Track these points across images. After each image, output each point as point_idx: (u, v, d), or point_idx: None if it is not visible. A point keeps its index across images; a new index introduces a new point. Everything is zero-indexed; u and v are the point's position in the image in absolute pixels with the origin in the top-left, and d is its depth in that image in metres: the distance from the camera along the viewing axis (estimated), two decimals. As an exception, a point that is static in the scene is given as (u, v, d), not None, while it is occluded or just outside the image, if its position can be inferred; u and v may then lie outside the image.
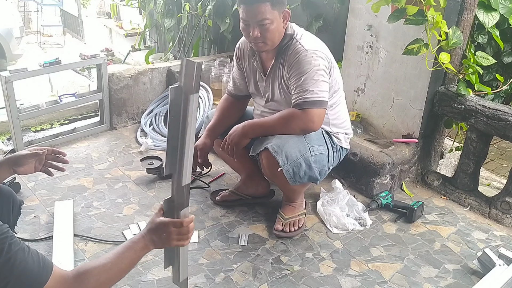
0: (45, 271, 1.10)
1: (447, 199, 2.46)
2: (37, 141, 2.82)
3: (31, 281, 1.07)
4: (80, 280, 1.15)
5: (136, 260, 1.27)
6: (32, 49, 7.82)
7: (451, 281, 1.86)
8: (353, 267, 1.92)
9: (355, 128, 2.68)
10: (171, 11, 4.16)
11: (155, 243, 1.27)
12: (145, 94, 3.22)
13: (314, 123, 1.89)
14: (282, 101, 2.03)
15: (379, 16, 2.46)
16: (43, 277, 1.09)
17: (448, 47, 2.17)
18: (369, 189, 2.39)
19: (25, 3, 9.08)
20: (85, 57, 2.88)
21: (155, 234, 1.26)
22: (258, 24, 1.84)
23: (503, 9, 2.25)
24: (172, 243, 1.27)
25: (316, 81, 1.86)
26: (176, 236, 1.26)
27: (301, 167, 1.90)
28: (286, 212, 2.12)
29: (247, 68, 2.14)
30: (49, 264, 1.12)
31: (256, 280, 1.81)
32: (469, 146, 2.38)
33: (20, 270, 1.05)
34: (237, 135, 1.98)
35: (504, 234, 2.18)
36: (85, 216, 2.18)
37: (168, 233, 1.25)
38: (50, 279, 1.10)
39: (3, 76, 2.52)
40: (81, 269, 1.18)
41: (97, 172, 2.57)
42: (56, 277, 1.12)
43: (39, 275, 1.09)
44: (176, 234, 1.26)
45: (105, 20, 7.58)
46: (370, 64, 2.64)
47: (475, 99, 2.30)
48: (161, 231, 1.26)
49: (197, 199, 2.35)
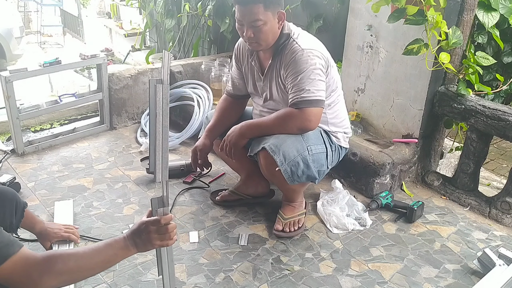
0: (12, 248, 1.11)
1: (447, 199, 2.46)
2: (37, 141, 2.81)
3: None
4: (47, 260, 1.16)
5: (113, 258, 1.25)
6: (32, 49, 7.82)
7: (451, 281, 1.86)
8: (353, 267, 1.92)
9: (355, 128, 2.68)
10: (171, 11, 4.16)
11: (137, 244, 1.25)
12: (145, 94, 3.22)
13: (311, 122, 1.89)
14: (280, 101, 2.03)
15: (379, 16, 2.46)
16: (9, 251, 1.10)
17: (448, 47, 2.17)
18: (369, 189, 2.39)
19: (25, 3, 9.07)
20: (85, 57, 2.88)
21: (136, 234, 1.25)
22: (251, 24, 1.85)
23: (503, 9, 2.25)
24: (155, 243, 1.26)
25: (312, 80, 1.86)
26: (156, 235, 1.25)
27: (299, 167, 1.90)
28: (286, 212, 2.12)
29: (246, 67, 2.14)
30: (18, 244, 1.14)
31: (256, 280, 1.81)
32: (469, 146, 2.38)
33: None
34: (235, 136, 1.98)
35: (504, 234, 2.18)
36: (85, 216, 2.18)
37: (148, 232, 1.24)
38: (16, 255, 1.11)
39: (3, 76, 2.52)
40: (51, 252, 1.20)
41: (97, 172, 2.57)
42: (23, 254, 1.13)
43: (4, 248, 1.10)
44: (156, 233, 1.24)
45: (105, 20, 7.59)
46: (370, 64, 2.64)
47: (475, 99, 2.30)
48: (141, 231, 1.25)
49: (197, 199, 2.35)
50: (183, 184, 2.48)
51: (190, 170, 2.53)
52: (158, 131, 1.16)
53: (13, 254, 1.11)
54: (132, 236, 1.25)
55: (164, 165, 1.20)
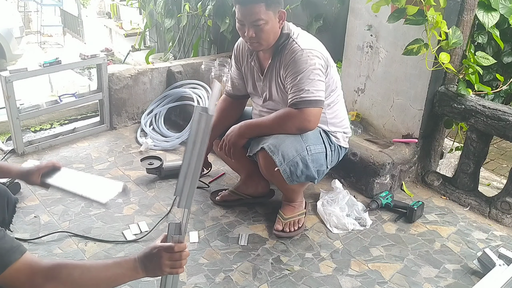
0: (14, 255, 1.10)
1: (447, 199, 2.46)
2: (37, 141, 2.81)
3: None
4: (52, 269, 1.14)
5: (121, 278, 1.21)
6: (32, 49, 7.81)
7: (451, 281, 1.86)
8: (353, 267, 1.92)
9: (355, 128, 2.68)
10: (171, 11, 4.16)
11: (147, 268, 1.21)
12: (145, 94, 3.22)
13: (310, 122, 1.89)
14: (279, 101, 2.03)
15: (379, 16, 2.46)
16: (11, 258, 1.09)
17: (448, 47, 2.17)
18: (369, 189, 2.39)
19: (25, 3, 9.06)
20: (85, 57, 2.88)
21: (147, 258, 1.21)
22: (252, 24, 1.85)
23: (503, 9, 2.25)
24: (164, 270, 1.21)
25: (312, 81, 1.86)
26: (168, 262, 1.20)
27: (298, 167, 1.90)
28: (286, 212, 2.12)
29: (245, 68, 2.14)
30: (21, 250, 1.12)
31: (256, 280, 1.81)
32: (469, 146, 2.38)
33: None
34: (234, 135, 1.98)
35: (504, 234, 2.18)
36: (85, 216, 2.18)
37: (159, 257, 1.20)
38: (19, 261, 1.09)
39: (3, 76, 2.52)
40: (57, 261, 1.17)
41: (97, 172, 2.57)
42: (26, 261, 1.11)
43: (6, 255, 1.08)
44: (168, 260, 1.20)
45: (105, 20, 7.59)
46: (370, 64, 2.64)
47: (475, 99, 2.30)
48: (153, 255, 1.21)
49: (197, 199, 2.35)
50: (183, 184, 2.48)
51: (190, 170, 2.53)
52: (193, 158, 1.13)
53: (15, 261, 1.09)
54: (143, 259, 1.21)
55: (190, 193, 1.16)
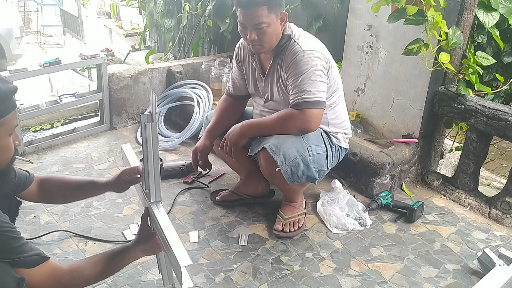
0: (39, 259, 1.20)
1: (447, 199, 2.46)
2: (37, 141, 2.81)
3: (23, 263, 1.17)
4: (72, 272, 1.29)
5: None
6: (32, 49, 7.81)
7: (451, 281, 1.86)
8: (353, 267, 1.92)
9: (355, 128, 2.68)
10: (171, 11, 4.16)
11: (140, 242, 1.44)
12: (145, 94, 3.22)
13: (312, 123, 1.89)
14: (281, 101, 2.03)
15: (379, 16, 2.46)
16: (35, 261, 1.19)
17: (448, 47, 2.17)
18: (369, 189, 2.39)
19: (25, 3, 9.07)
20: (85, 57, 2.88)
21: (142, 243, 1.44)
22: (254, 27, 1.85)
23: (503, 9, 2.25)
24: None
25: (313, 82, 1.86)
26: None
27: (299, 167, 1.90)
28: (286, 212, 2.12)
29: (247, 68, 2.14)
30: (45, 256, 1.23)
31: (256, 280, 1.81)
32: (469, 146, 2.38)
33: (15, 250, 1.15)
34: (235, 135, 1.98)
35: (504, 234, 2.18)
36: (85, 216, 2.18)
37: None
38: (43, 265, 1.20)
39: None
40: (75, 265, 1.31)
41: (97, 172, 2.57)
42: (50, 265, 1.23)
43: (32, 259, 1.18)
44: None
45: (105, 20, 7.59)
46: (370, 64, 2.64)
47: (475, 99, 2.30)
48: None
49: (197, 199, 2.35)
50: (183, 184, 2.48)
51: (190, 170, 2.53)
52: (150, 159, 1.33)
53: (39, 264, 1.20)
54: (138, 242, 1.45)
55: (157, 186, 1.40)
